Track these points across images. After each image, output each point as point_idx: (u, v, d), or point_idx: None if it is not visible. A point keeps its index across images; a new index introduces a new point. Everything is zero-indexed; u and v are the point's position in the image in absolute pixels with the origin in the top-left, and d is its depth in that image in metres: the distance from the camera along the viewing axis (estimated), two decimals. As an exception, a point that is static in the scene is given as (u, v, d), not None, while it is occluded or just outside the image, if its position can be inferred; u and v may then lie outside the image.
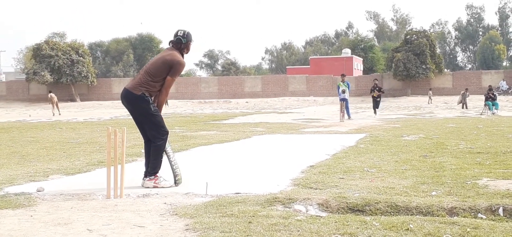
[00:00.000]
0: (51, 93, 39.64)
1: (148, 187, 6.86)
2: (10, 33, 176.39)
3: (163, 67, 6.94)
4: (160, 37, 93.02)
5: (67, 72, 64.56)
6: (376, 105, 29.05)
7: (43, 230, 4.75)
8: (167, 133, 7.13)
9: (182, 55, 7.16)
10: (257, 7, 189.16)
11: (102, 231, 4.69)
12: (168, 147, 7.17)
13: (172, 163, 7.08)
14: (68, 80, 64.98)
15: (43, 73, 62.93)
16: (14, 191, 6.65)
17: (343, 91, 24.33)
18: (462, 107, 36.62)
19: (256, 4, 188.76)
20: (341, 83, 24.71)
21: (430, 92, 51.30)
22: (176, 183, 7.02)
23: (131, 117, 7.29)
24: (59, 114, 36.94)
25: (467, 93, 38.73)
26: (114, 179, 6.30)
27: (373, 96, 29.08)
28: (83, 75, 65.77)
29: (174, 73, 6.99)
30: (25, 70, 70.16)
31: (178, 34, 7.13)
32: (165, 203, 5.85)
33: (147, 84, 6.93)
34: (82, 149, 12.27)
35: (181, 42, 7.13)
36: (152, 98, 7.04)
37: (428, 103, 48.68)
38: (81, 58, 66.23)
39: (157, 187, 6.86)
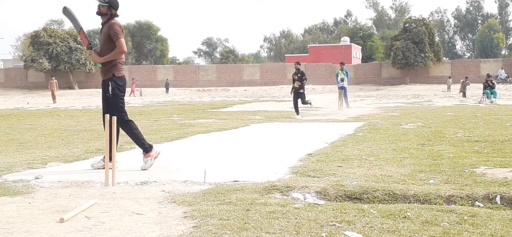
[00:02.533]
0: (54, 79, 39.65)
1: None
2: (8, 20, 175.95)
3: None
4: (158, 25, 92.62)
5: (65, 59, 64.44)
6: (298, 100, 19.44)
7: (41, 217, 4.76)
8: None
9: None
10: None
11: (100, 218, 4.70)
12: None
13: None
14: (66, 67, 64.87)
15: (41, 61, 62.83)
16: (13, 178, 6.65)
17: (342, 80, 24.30)
18: (464, 96, 36.61)
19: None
20: (340, 71, 24.70)
21: (450, 80, 50.12)
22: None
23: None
24: (53, 102, 36.79)
25: (467, 81, 38.70)
26: (113, 167, 6.30)
27: (294, 88, 19.69)
28: (81, 62, 65.67)
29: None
30: (23, 58, 70.07)
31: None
32: (163, 191, 5.86)
33: None
34: (80, 136, 12.27)
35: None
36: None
37: (447, 90, 47.65)
38: (79, 45, 66.05)
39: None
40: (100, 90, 7.59)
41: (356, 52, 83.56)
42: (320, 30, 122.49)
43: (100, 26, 7.51)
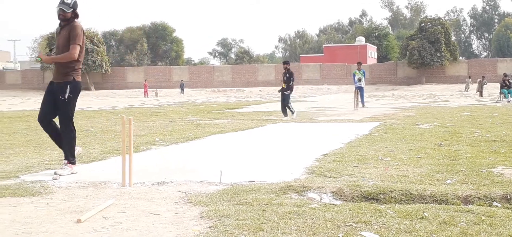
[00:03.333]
0: None
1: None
2: (25, 22, 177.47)
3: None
4: (173, 26, 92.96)
5: (81, 61, 64.87)
6: (284, 103, 18.42)
7: (59, 217, 4.79)
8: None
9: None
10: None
11: (117, 218, 4.73)
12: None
13: None
14: (83, 69, 65.08)
15: (57, 62, 63.29)
16: (31, 179, 6.71)
17: (359, 80, 24.23)
18: (480, 96, 36.32)
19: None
20: (357, 71, 24.62)
21: (469, 80, 49.13)
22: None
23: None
24: None
25: (484, 81, 38.33)
26: (130, 167, 6.34)
27: (282, 89, 18.73)
28: (97, 64, 66.17)
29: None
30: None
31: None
32: (179, 191, 5.88)
33: None
34: (97, 137, 12.34)
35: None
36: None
37: (465, 90, 46.74)
38: (96, 47, 66.60)
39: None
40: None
41: (372, 52, 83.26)
42: (335, 30, 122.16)
43: (58, 28, 7.31)
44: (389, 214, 4.63)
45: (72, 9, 7.16)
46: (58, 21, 7.23)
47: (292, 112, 18.17)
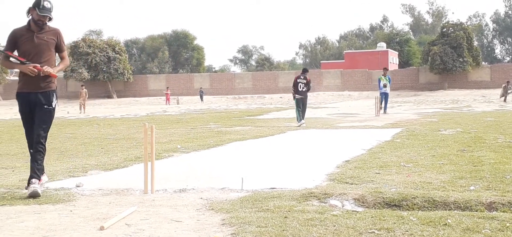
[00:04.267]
0: (84, 89, 37.99)
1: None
2: (25, 21, 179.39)
3: None
4: (194, 34, 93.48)
5: (103, 69, 65.54)
6: (302, 109, 18.30)
7: (82, 225, 4.84)
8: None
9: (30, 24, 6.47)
10: (291, 1, 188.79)
11: (140, 225, 4.76)
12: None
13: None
14: (105, 77, 65.97)
15: (80, 71, 64.05)
16: (54, 186, 6.78)
17: (385, 86, 24.11)
18: (504, 101, 35.84)
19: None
20: (383, 77, 24.52)
21: (508, 85, 41.61)
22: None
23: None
24: (83, 112, 35.00)
25: (509, 86, 37.71)
26: (152, 175, 6.37)
27: (294, 95, 18.79)
28: (119, 72, 66.70)
29: None
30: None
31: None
32: (201, 198, 5.90)
33: None
34: (120, 144, 12.43)
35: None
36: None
37: (501, 98, 38.11)
38: (118, 55, 67.18)
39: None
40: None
41: (393, 58, 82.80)
42: (356, 36, 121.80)
43: (26, 32, 6.45)
44: (412, 221, 4.60)
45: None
46: (27, 25, 6.44)
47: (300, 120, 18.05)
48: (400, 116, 22.17)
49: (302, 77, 18.66)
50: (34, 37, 6.40)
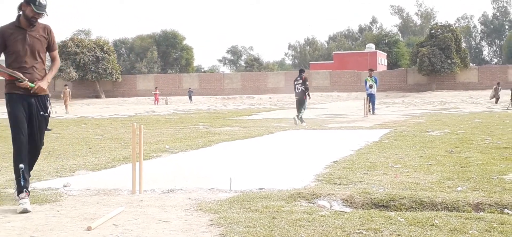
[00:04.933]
0: (67, 88, 37.82)
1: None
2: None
3: None
4: (183, 34, 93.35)
5: (92, 69, 65.28)
6: (298, 107, 18.88)
7: (69, 225, 4.81)
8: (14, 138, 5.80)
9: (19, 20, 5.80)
10: (280, 2, 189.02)
11: (127, 226, 4.74)
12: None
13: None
14: (93, 77, 65.70)
15: (68, 70, 63.69)
16: (41, 186, 6.74)
17: (371, 86, 24.24)
18: (496, 102, 35.96)
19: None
20: (369, 78, 24.67)
21: (499, 87, 38.09)
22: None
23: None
24: (66, 112, 34.75)
25: (499, 87, 37.79)
26: (140, 175, 6.35)
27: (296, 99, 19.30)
28: (108, 72, 66.46)
29: None
30: (51, 67, 71.00)
31: None
32: (189, 199, 5.89)
33: None
34: (107, 145, 12.38)
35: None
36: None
37: (491, 99, 37.81)
38: (106, 55, 66.93)
39: None
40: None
41: (382, 59, 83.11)
42: (345, 37, 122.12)
43: (14, 30, 5.76)
44: (399, 221, 4.61)
45: None
46: (16, 22, 5.76)
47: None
48: (388, 117, 22.24)
49: (298, 78, 18.90)
50: (26, 35, 5.72)
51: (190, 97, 58.04)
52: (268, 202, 5.46)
